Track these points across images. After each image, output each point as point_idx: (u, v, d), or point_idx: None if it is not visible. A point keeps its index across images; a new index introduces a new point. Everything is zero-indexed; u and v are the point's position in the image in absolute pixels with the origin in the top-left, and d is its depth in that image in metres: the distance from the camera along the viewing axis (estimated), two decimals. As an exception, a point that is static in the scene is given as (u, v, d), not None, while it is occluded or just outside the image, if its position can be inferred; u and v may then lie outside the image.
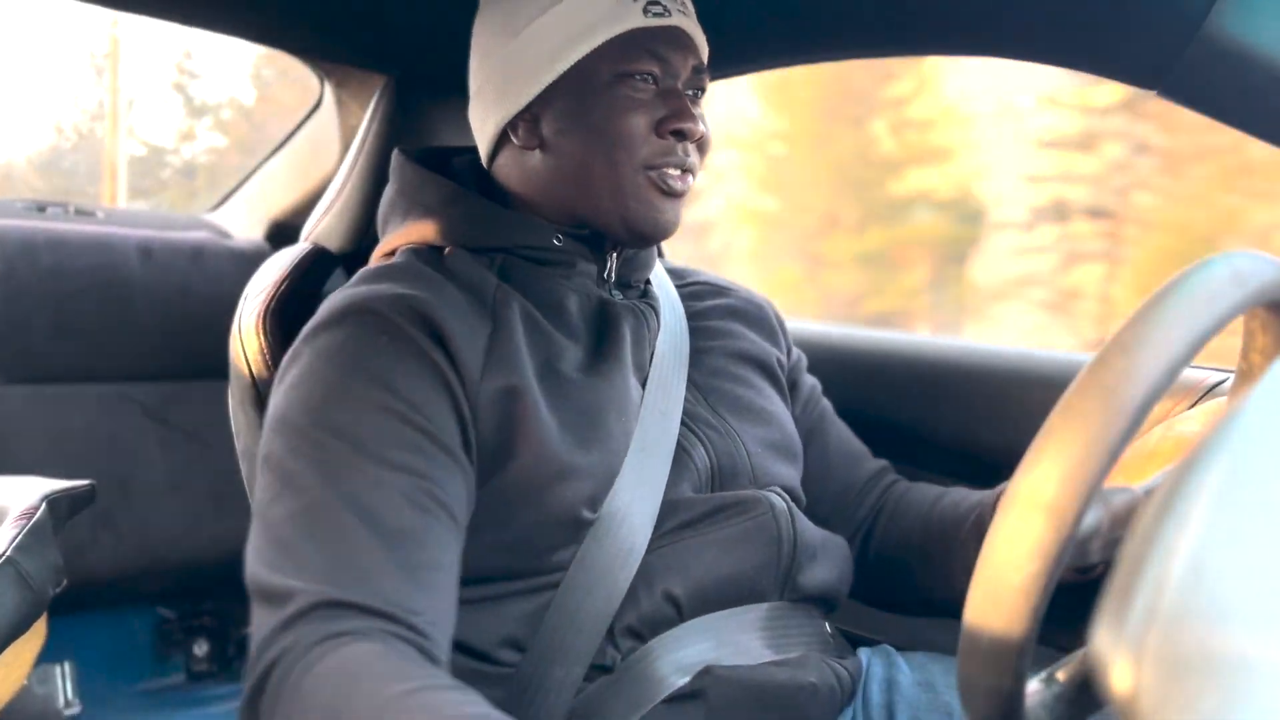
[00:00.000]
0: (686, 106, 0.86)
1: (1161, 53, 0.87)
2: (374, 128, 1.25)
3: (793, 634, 0.87)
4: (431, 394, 0.76)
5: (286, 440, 0.74)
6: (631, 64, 0.85)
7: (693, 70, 0.89)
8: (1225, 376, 1.00)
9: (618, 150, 0.85)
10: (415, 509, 0.70)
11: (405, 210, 0.92)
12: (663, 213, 0.88)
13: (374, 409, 0.73)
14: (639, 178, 0.86)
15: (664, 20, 0.86)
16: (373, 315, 0.78)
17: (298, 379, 0.77)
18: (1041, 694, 0.54)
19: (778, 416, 0.96)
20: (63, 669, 1.74)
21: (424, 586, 0.68)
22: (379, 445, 0.72)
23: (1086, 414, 0.45)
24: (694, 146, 0.88)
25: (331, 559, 0.66)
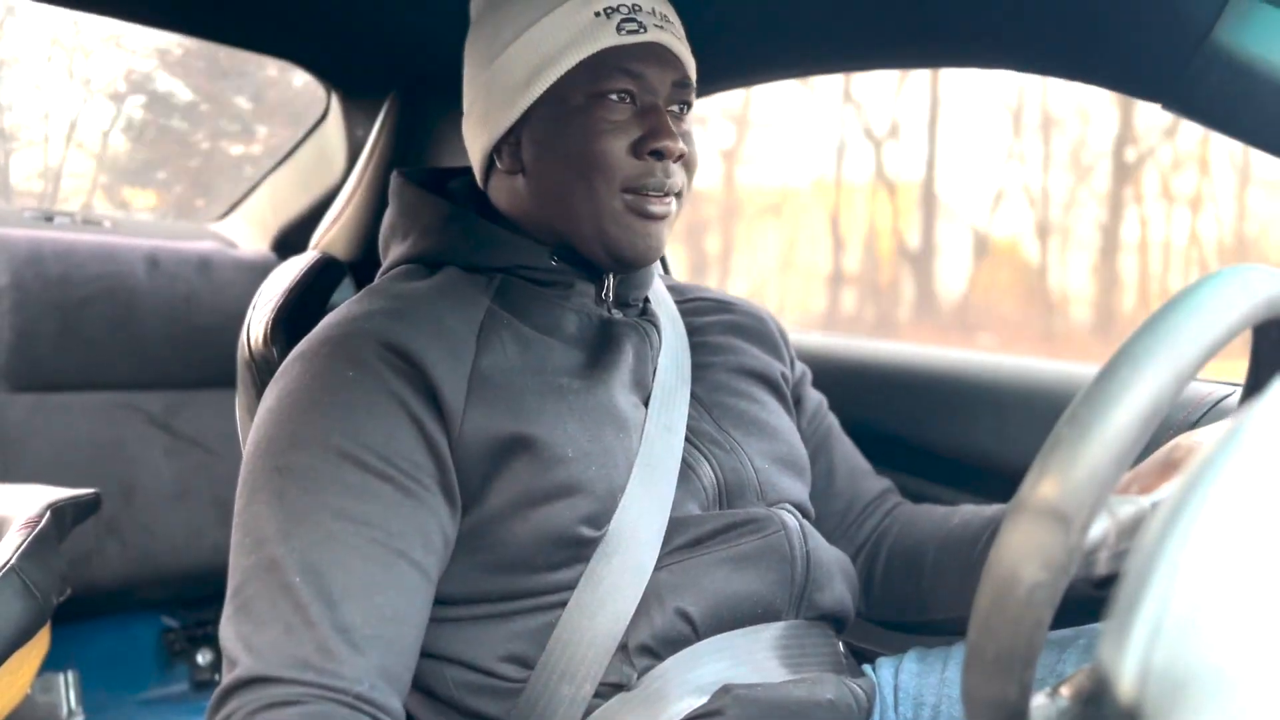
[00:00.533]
0: (665, 125, 0.84)
1: (1167, 65, 0.87)
2: (381, 140, 1.25)
3: (809, 653, 0.86)
4: (397, 432, 0.76)
5: (252, 481, 0.75)
6: (605, 84, 0.84)
7: (673, 85, 0.86)
8: (1232, 390, 1.00)
9: (594, 174, 0.84)
10: (368, 561, 0.71)
11: (405, 231, 0.92)
12: (643, 237, 0.85)
13: (332, 454, 0.73)
14: (616, 202, 0.84)
15: (639, 37, 0.84)
16: (342, 349, 0.79)
17: (267, 414, 0.78)
18: (1046, 709, 0.53)
19: (783, 431, 0.96)
20: (66, 677, 1.74)
21: (369, 648, 0.69)
22: (334, 495, 0.72)
23: (1094, 423, 0.45)
24: (677, 166, 0.86)
25: (274, 627, 0.68)
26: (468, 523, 0.79)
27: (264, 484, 0.74)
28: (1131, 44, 0.90)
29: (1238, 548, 0.34)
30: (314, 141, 1.81)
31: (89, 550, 1.77)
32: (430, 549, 0.75)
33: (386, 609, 0.71)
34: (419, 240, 0.90)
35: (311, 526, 0.71)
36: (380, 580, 0.71)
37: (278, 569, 0.70)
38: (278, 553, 0.70)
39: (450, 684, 0.80)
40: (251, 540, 0.72)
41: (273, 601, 0.69)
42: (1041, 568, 0.44)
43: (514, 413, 0.79)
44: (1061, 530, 0.44)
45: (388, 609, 0.71)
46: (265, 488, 0.74)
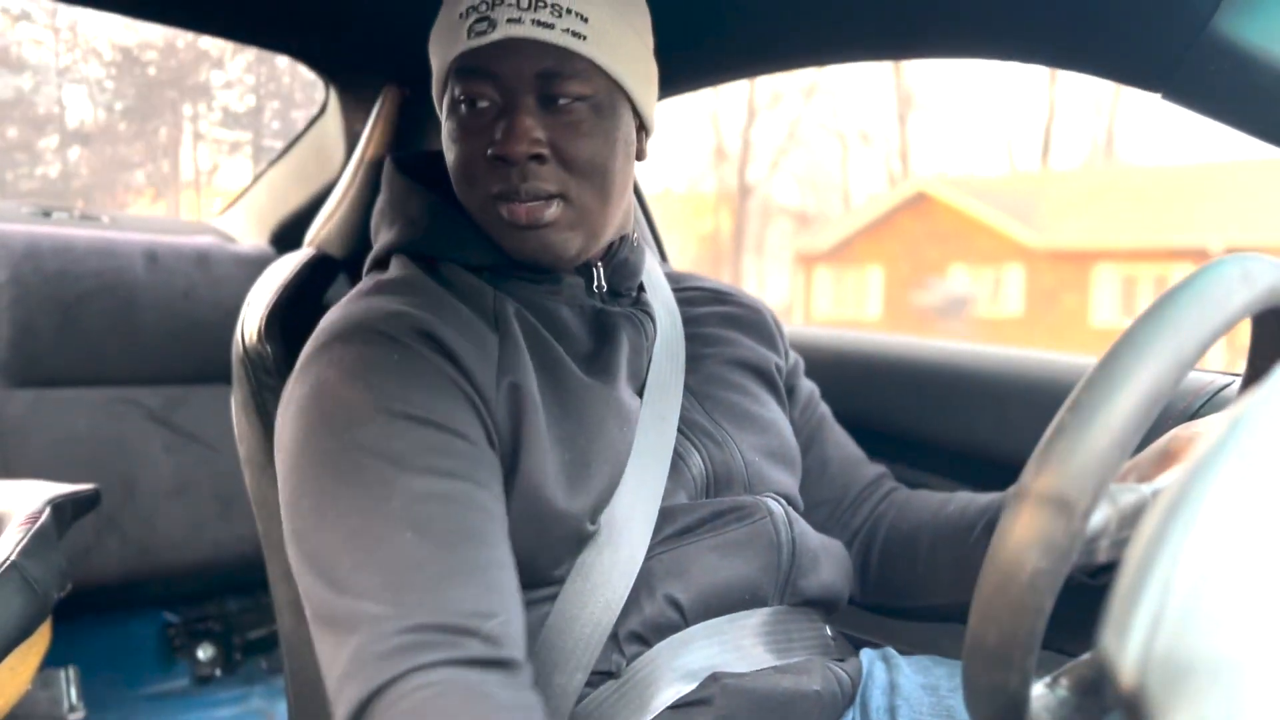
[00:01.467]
0: (509, 127, 0.78)
1: (1166, 55, 0.86)
2: (376, 134, 1.25)
3: (795, 638, 0.87)
4: (452, 402, 0.75)
5: (318, 464, 0.72)
6: (461, 90, 0.81)
7: (538, 78, 0.80)
8: (1232, 380, 1.00)
9: (461, 184, 0.83)
10: (465, 513, 0.70)
11: (392, 220, 0.92)
12: (525, 243, 0.82)
13: (401, 420, 0.72)
14: (491, 212, 0.82)
15: (486, 37, 0.79)
16: (377, 333, 0.77)
17: (310, 400, 0.75)
18: (1046, 698, 0.53)
19: (775, 424, 0.96)
20: (67, 673, 1.74)
21: (491, 587, 0.68)
22: (415, 456, 0.71)
23: (1096, 410, 0.45)
24: (549, 168, 0.80)
25: (395, 578, 0.66)
26: None
27: (335, 464, 0.71)
28: (1129, 33, 0.90)
29: (1239, 536, 0.34)
30: (312, 135, 1.81)
31: (89, 546, 1.77)
32: (504, 504, 0.76)
33: (498, 554, 0.71)
34: (405, 229, 0.90)
35: (404, 487, 0.69)
36: (486, 527, 0.71)
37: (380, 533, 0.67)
38: (373, 522, 0.68)
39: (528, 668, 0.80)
40: (334, 515, 0.69)
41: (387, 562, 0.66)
42: (1043, 555, 0.44)
43: (528, 408, 0.79)
44: (1064, 517, 0.44)
45: (500, 554, 0.71)
46: (338, 467, 0.71)
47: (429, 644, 0.63)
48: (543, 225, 0.81)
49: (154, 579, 1.87)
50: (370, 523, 0.68)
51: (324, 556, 0.69)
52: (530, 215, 0.81)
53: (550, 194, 0.81)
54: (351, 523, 0.69)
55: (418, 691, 0.62)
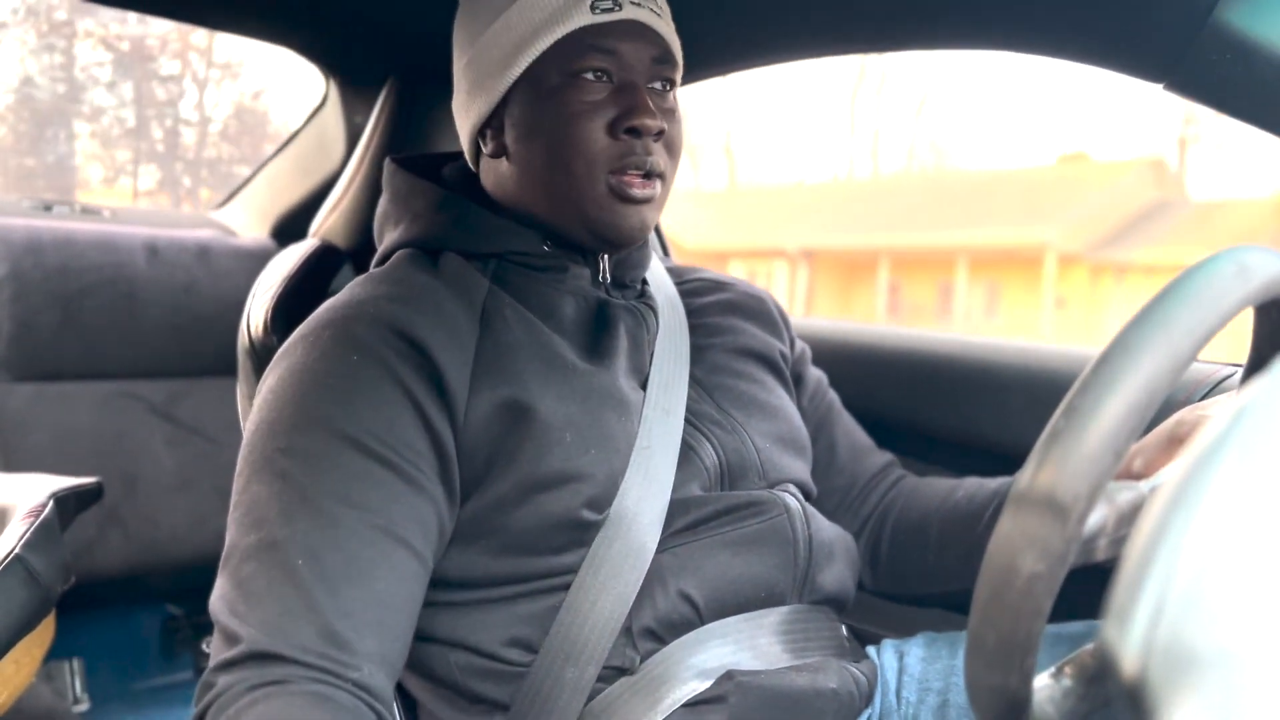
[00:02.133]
0: (643, 102, 0.82)
1: (1169, 46, 0.86)
2: (379, 127, 1.25)
3: (811, 638, 0.86)
4: (400, 419, 0.75)
5: (253, 461, 0.75)
6: (579, 63, 0.82)
7: (653, 62, 0.85)
8: (1234, 370, 1.00)
9: (573, 157, 0.83)
10: (368, 547, 0.71)
11: (398, 218, 0.92)
12: (626, 218, 0.84)
13: (335, 438, 0.73)
14: (599, 186, 0.83)
15: (613, 15, 0.82)
16: (347, 332, 0.78)
17: (270, 395, 0.78)
18: (1050, 689, 0.53)
19: (784, 410, 0.96)
20: (71, 666, 1.75)
21: (367, 630, 0.69)
22: (336, 479, 0.72)
23: (1090, 413, 0.45)
24: (659, 146, 0.84)
25: (274, 606, 0.68)
26: (470, 509, 0.79)
27: (266, 465, 0.74)
28: (1132, 25, 0.89)
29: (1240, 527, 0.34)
30: (313, 128, 1.80)
31: (92, 539, 1.78)
32: (428, 538, 0.75)
33: (385, 596, 0.71)
34: (411, 226, 0.90)
35: (313, 510, 0.71)
36: (380, 567, 0.71)
37: (278, 550, 0.70)
38: (279, 534, 0.70)
39: (454, 668, 0.80)
40: (251, 520, 0.72)
41: (272, 581, 0.69)
42: (1039, 559, 0.44)
43: (517, 393, 0.79)
44: (1059, 521, 0.44)
45: (386, 596, 0.71)
46: (267, 469, 0.74)
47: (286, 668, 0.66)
48: (648, 201, 0.85)
49: (157, 572, 1.87)
50: (273, 538, 0.70)
51: (232, 562, 0.72)
52: (644, 189, 0.84)
53: (659, 171, 0.85)
54: (259, 532, 0.71)
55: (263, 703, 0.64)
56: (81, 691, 1.75)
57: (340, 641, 0.67)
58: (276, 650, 0.66)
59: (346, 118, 1.64)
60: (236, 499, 0.75)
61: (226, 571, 0.72)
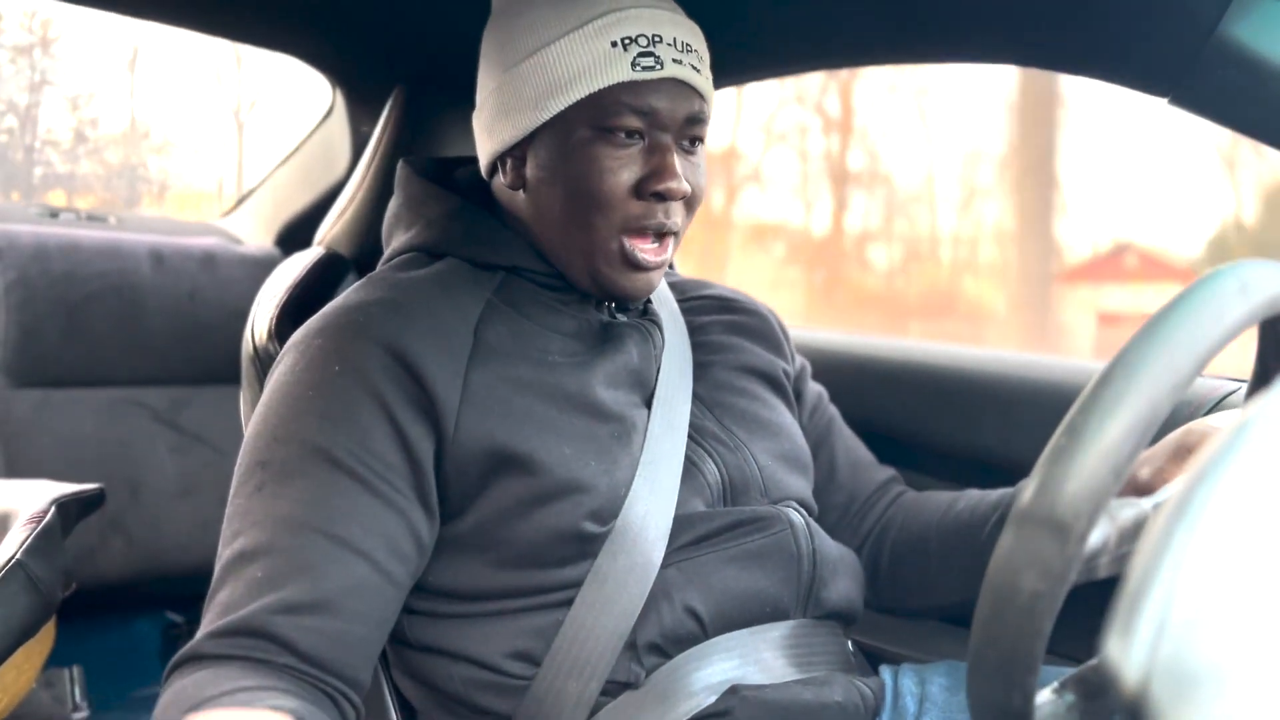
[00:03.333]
0: (670, 165, 0.81)
1: (1173, 61, 0.86)
2: (386, 135, 1.25)
3: (816, 652, 0.86)
4: (374, 432, 0.76)
5: (239, 474, 0.78)
6: (613, 120, 0.81)
7: (686, 121, 0.83)
8: (1238, 385, 1.00)
9: (593, 211, 0.82)
10: (321, 555, 0.72)
11: (409, 222, 0.92)
12: (633, 283, 0.84)
13: (306, 450, 0.75)
14: (612, 244, 0.82)
15: (655, 74, 0.80)
16: (333, 344, 0.79)
17: (260, 407, 0.80)
18: (1053, 705, 0.53)
19: (786, 428, 0.96)
20: (71, 673, 1.75)
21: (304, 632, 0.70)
22: (301, 490, 0.74)
23: (1090, 433, 0.45)
24: (678, 205, 0.84)
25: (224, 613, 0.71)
26: (472, 520, 0.79)
27: (246, 478, 0.77)
28: (1137, 38, 0.89)
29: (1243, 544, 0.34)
30: (318, 137, 1.81)
31: (94, 546, 1.78)
32: (396, 553, 0.75)
33: (334, 602, 0.71)
34: (422, 231, 0.90)
35: (276, 521, 0.73)
36: (331, 575, 0.72)
37: (246, 561, 0.72)
38: (248, 544, 0.73)
39: (457, 681, 0.80)
40: (230, 531, 0.76)
41: (230, 595, 0.72)
42: (1040, 578, 0.44)
43: (511, 410, 0.79)
44: (1060, 540, 0.44)
45: (335, 602, 0.71)
46: (247, 482, 0.76)
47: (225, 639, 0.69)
48: (659, 268, 0.85)
49: (158, 579, 1.87)
50: (241, 549, 0.73)
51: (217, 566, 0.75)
52: (658, 255, 0.84)
53: (675, 230, 0.84)
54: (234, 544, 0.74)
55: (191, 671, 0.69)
56: (81, 699, 1.75)
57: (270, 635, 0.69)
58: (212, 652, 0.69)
59: (353, 126, 1.65)
60: (226, 511, 0.78)
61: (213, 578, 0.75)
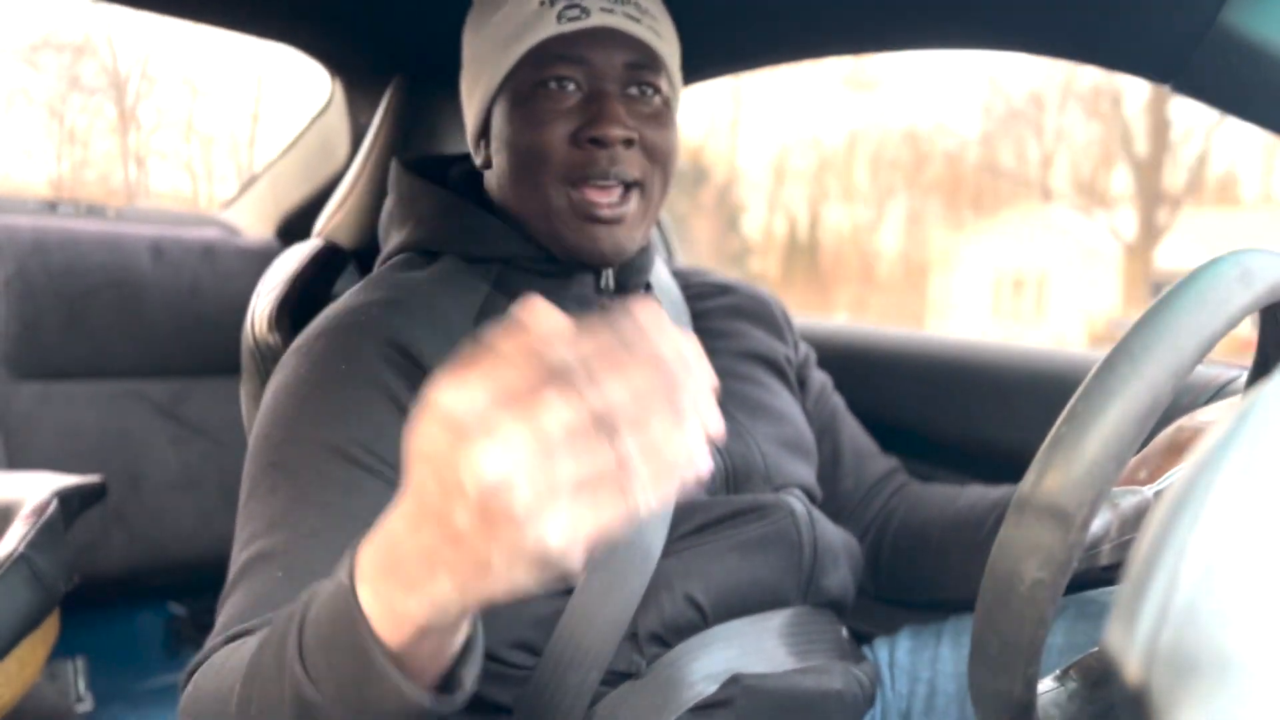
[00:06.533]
0: (607, 110, 0.80)
1: (1176, 47, 0.86)
2: (384, 126, 1.25)
3: (814, 640, 0.86)
4: (387, 428, 0.75)
5: (249, 477, 0.77)
6: (546, 71, 0.81)
7: (625, 67, 0.83)
8: (1238, 373, 1.00)
9: (535, 165, 0.82)
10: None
11: (403, 220, 0.92)
12: (595, 241, 0.83)
13: (321, 449, 0.73)
14: (562, 200, 0.82)
15: (580, 23, 0.80)
16: (338, 343, 0.79)
17: (265, 410, 0.79)
18: (1055, 692, 0.53)
19: (789, 413, 0.96)
20: (75, 664, 1.75)
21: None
22: (319, 489, 0.72)
23: (1092, 421, 0.45)
24: (633, 153, 0.82)
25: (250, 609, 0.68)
26: None
27: (259, 480, 0.75)
28: (1139, 25, 0.89)
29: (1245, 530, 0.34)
30: (317, 128, 1.80)
31: (96, 538, 1.78)
32: None
33: None
34: (416, 229, 0.90)
35: (297, 520, 0.71)
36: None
37: (265, 562, 0.70)
38: (265, 546, 0.71)
39: None
40: (245, 535, 0.73)
41: (251, 595, 0.69)
42: (1042, 566, 0.44)
43: None
44: (1061, 528, 0.44)
45: None
46: (261, 483, 0.75)
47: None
48: (619, 221, 0.83)
49: (161, 571, 1.88)
50: (258, 549, 0.71)
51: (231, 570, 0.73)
52: (612, 209, 0.82)
53: (633, 180, 0.82)
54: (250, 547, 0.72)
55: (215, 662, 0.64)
56: (84, 690, 1.75)
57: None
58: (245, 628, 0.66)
59: (351, 117, 1.64)
60: (238, 516, 0.76)
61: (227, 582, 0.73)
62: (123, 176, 3.94)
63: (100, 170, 3.95)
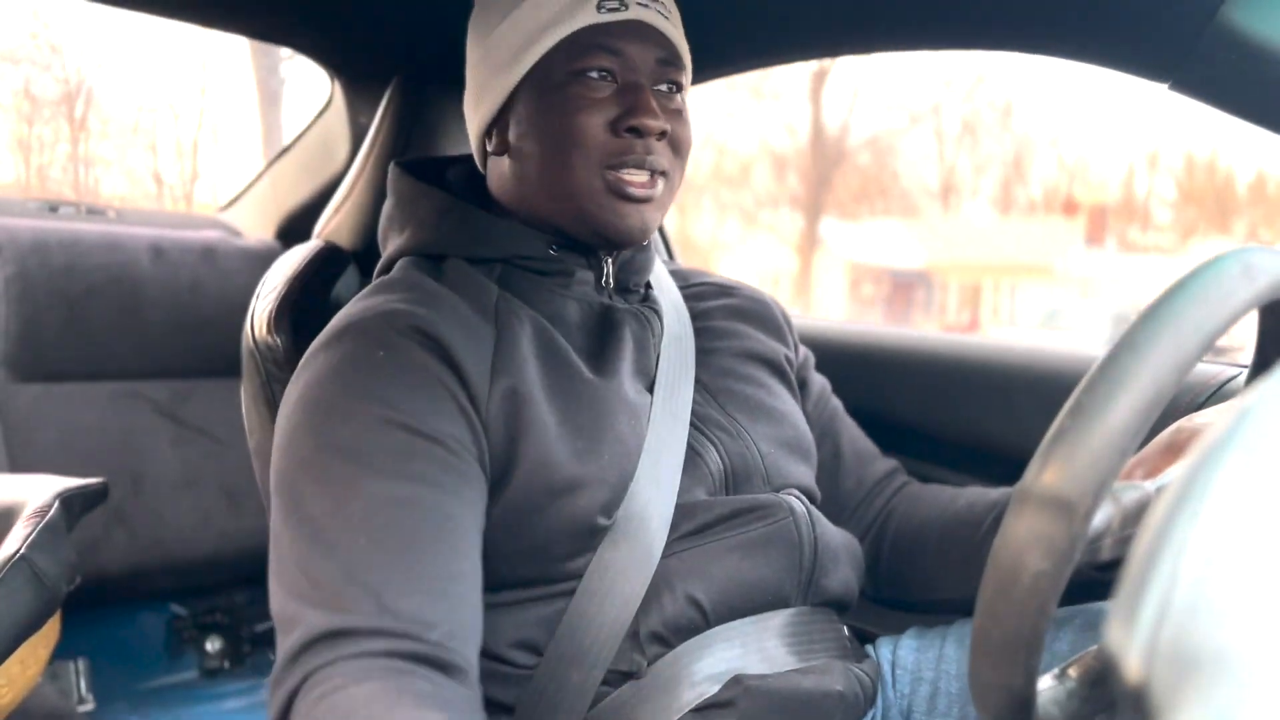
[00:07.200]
0: (644, 102, 0.83)
1: (1174, 46, 0.86)
2: (384, 126, 1.25)
3: (815, 639, 0.86)
4: (436, 403, 0.75)
5: (294, 464, 0.74)
6: (583, 61, 0.83)
7: (658, 63, 0.86)
8: (1238, 372, 1.00)
9: (573, 151, 0.83)
10: (426, 521, 0.70)
11: (402, 223, 0.92)
12: (625, 218, 0.84)
13: (376, 423, 0.72)
14: (597, 181, 0.83)
15: (619, 15, 0.83)
16: (368, 333, 0.78)
17: (299, 401, 0.77)
18: (1054, 690, 0.53)
19: (789, 415, 0.96)
20: (76, 665, 1.75)
21: (438, 597, 0.68)
22: (384, 460, 0.71)
23: (1097, 412, 0.45)
24: (663, 145, 0.85)
25: (341, 583, 0.66)
26: (493, 514, 0.78)
27: (308, 464, 0.72)
28: (1138, 24, 0.89)
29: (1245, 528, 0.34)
30: (318, 129, 1.81)
31: (97, 539, 1.78)
32: (478, 513, 0.75)
33: (453, 563, 0.70)
34: (416, 232, 0.90)
35: (366, 491, 0.69)
36: (446, 538, 0.70)
37: (336, 536, 0.68)
38: (333, 522, 0.69)
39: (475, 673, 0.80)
40: (299, 517, 0.71)
41: (337, 565, 0.67)
42: (1045, 556, 0.44)
43: (531, 401, 0.79)
44: (1065, 519, 0.44)
45: (454, 563, 0.70)
46: (310, 467, 0.72)
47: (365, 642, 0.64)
48: (649, 200, 0.85)
49: (162, 572, 1.88)
50: (328, 526, 0.69)
51: (286, 557, 0.70)
52: (645, 190, 0.84)
53: (662, 170, 0.85)
54: (312, 526, 0.69)
55: (338, 677, 0.62)
56: (86, 691, 1.76)
57: (407, 613, 0.66)
58: (352, 624, 0.64)
59: (351, 118, 1.65)
60: (278, 502, 0.73)
61: (280, 575, 0.70)
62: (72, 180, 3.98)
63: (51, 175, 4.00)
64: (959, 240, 18.05)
